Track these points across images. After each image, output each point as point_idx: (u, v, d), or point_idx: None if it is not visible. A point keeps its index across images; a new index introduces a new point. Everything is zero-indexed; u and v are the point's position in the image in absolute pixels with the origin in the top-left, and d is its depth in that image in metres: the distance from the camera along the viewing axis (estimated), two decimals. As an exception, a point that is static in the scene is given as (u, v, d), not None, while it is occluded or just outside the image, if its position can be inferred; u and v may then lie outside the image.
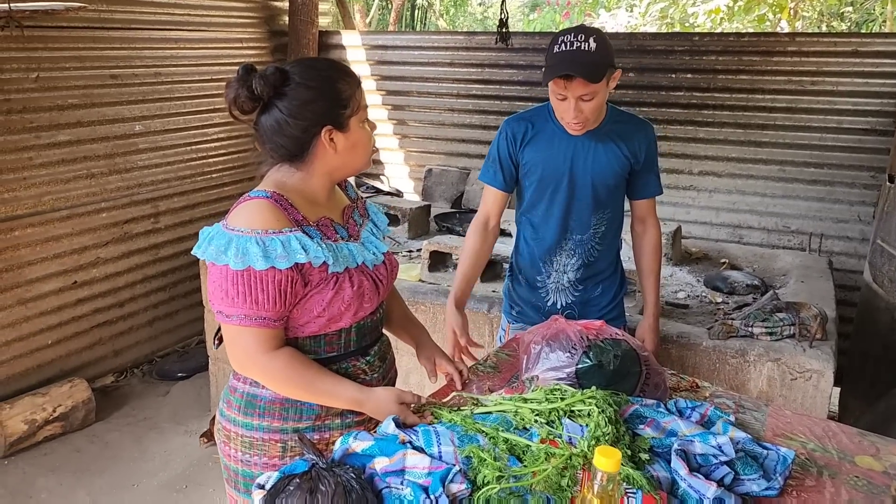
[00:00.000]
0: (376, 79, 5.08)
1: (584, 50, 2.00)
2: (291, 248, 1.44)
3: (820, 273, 3.46)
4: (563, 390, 1.59)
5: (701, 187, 4.29)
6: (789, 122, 4.00)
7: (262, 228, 1.43)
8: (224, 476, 1.68)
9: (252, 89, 1.46)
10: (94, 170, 3.93)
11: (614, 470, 1.03)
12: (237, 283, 1.42)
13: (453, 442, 1.42)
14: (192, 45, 4.39)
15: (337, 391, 1.55)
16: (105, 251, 4.07)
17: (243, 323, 1.44)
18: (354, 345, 1.63)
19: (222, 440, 1.64)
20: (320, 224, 1.55)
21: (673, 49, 4.17)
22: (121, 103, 4.03)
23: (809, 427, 1.84)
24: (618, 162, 2.23)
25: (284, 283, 1.44)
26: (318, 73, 1.51)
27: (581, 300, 2.39)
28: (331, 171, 1.57)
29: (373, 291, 1.61)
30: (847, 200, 3.98)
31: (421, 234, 4.09)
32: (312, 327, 1.54)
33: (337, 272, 1.52)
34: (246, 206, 1.47)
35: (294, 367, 1.51)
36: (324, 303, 1.51)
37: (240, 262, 1.40)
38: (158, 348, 4.53)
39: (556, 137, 2.24)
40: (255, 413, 1.57)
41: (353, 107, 1.52)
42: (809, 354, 2.52)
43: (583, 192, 2.26)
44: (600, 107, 2.12)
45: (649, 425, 1.59)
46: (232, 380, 1.64)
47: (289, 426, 1.57)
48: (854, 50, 3.78)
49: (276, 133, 1.50)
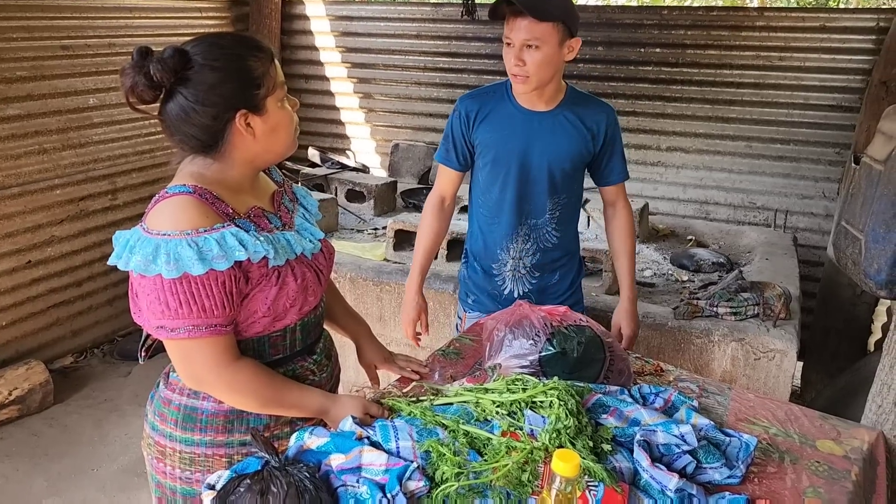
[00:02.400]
0: (341, 51, 4.95)
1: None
2: (228, 246, 1.30)
3: (784, 250, 3.48)
4: (524, 381, 1.56)
5: (669, 163, 4.28)
6: (757, 98, 3.99)
7: (192, 228, 1.27)
8: (156, 495, 1.54)
9: (150, 76, 1.27)
10: (47, 145, 3.77)
11: (573, 475, 1.00)
12: (176, 293, 1.27)
13: (412, 436, 1.38)
14: (148, 15, 4.23)
15: (304, 401, 1.47)
16: (60, 229, 3.93)
17: (193, 335, 1.30)
18: (300, 344, 1.53)
19: (154, 456, 1.50)
20: (252, 215, 1.41)
21: (642, 23, 4.12)
22: (73, 75, 3.86)
23: (772, 411, 1.84)
24: (575, 145, 2.16)
25: (229, 284, 1.31)
26: (223, 52, 1.33)
27: (538, 287, 2.32)
28: (251, 158, 1.41)
29: (315, 283, 1.50)
30: (812, 177, 4.00)
31: (387, 211, 4.03)
32: (256, 327, 1.42)
33: (278, 266, 1.39)
34: (167, 205, 1.31)
35: (260, 379, 1.40)
36: (268, 301, 1.39)
37: (173, 269, 1.25)
38: (119, 328, 4.43)
39: (511, 117, 2.15)
40: (197, 427, 1.44)
41: (268, 85, 1.36)
42: (773, 334, 2.53)
43: (538, 176, 2.18)
44: (548, 66, 1.99)
45: (612, 414, 1.57)
46: (164, 390, 1.49)
47: (234, 439, 1.46)
48: (822, 25, 3.76)
49: (183, 123, 1.33)
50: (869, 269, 1.96)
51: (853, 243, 2.04)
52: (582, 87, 4.13)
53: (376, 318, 3.08)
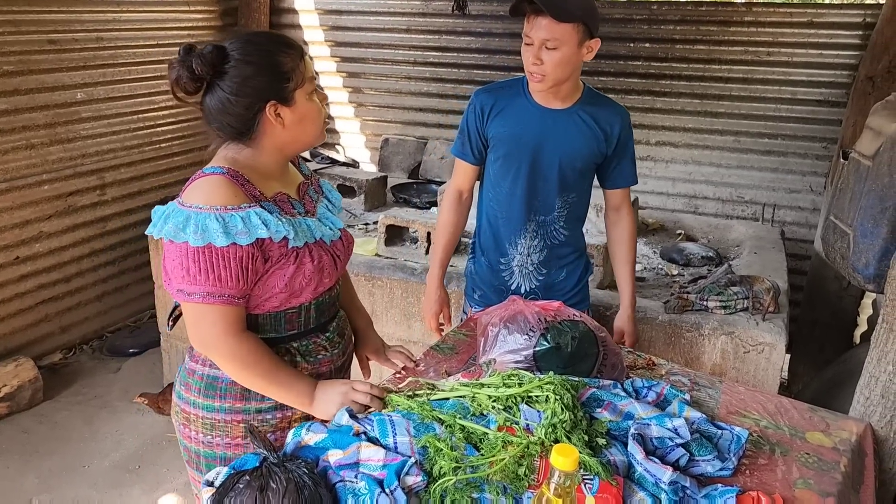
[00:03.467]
0: (330, 45, 4.93)
1: None
2: (252, 224, 1.42)
3: (772, 244, 3.51)
4: (520, 375, 1.57)
5: (658, 157, 4.30)
6: (745, 93, 4.02)
7: (221, 204, 1.40)
8: (184, 458, 1.67)
9: (192, 70, 1.42)
10: (34, 140, 3.75)
11: (572, 469, 1.01)
12: (198, 260, 1.39)
13: (409, 432, 1.39)
14: (136, 8, 4.19)
15: (292, 385, 1.54)
16: (48, 225, 3.91)
17: (206, 301, 1.41)
18: (314, 321, 1.63)
19: (181, 422, 1.63)
20: (277, 199, 1.53)
21: (632, 18, 4.13)
22: (61, 70, 3.83)
23: (762, 404, 1.86)
24: (587, 145, 2.15)
25: (246, 260, 1.42)
26: (256, 48, 1.47)
27: (545, 284, 2.33)
28: (281, 146, 1.55)
29: (331, 266, 1.60)
30: (799, 171, 4.04)
31: (378, 206, 4.03)
32: (273, 302, 1.53)
33: (297, 247, 1.51)
34: (202, 183, 1.45)
35: (259, 354, 1.50)
36: (285, 278, 1.50)
37: (199, 238, 1.37)
38: (108, 324, 4.41)
39: (526, 113, 2.15)
40: (217, 395, 1.56)
41: (297, 79, 1.49)
42: (762, 328, 2.56)
43: (549, 172, 2.18)
44: (566, 65, 1.99)
45: (606, 408, 1.58)
46: (189, 362, 1.62)
47: (251, 406, 1.57)
48: (809, 21, 3.79)
49: (220, 112, 1.47)
50: (857, 263, 1.98)
51: (842, 238, 2.07)
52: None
53: (374, 314, 3.08)
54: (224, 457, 1.59)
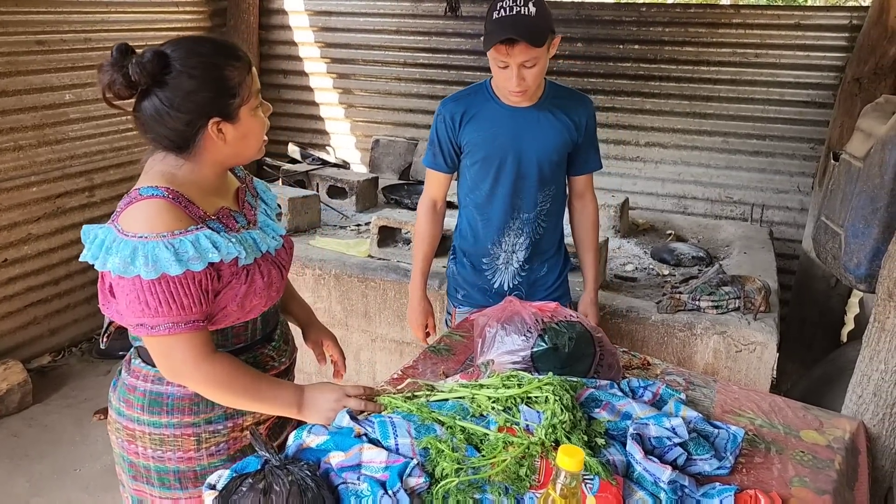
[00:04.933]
0: (320, 46, 4.92)
1: (525, 14, 1.97)
2: (203, 248, 1.35)
3: (762, 244, 3.54)
4: (518, 376, 1.58)
5: (647, 158, 4.33)
6: (733, 94, 4.05)
7: (167, 230, 1.32)
8: (129, 473, 1.57)
9: (128, 76, 1.31)
10: (22, 141, 3.71)
11: (577, 469, 1.02)
12: (155, 293, 1.32)
13: (410, 433, 1.40)
14: (125, 9, 4.17)
15: (277, 395, 1.50)
16: (37, 227, 3.88)
17: (174, 331, 1.34)
18: (260, 332, 1.60)
19: (124, 439, 1.54)
20: (221, 216, 1.47)
21: (621, 19, 4.16)
22: (49, 71, 3.80)
23: (757, 402, 1.88)
24: (560, 137, 2.22)
25: (205, 282, 1.37)
26: (201, 60, 1.36)
27: (528, 280, 2.38)
28: (221, 161, 1.47)
29: (279, 279, 1.56)
30: (787, 171, 4.07)
31: (369, 207, 4.02)
32: (225, 322, 1.47)
33: (247, 265, 1.46)
34: (141, 207, 1.34)
35: (235, 372, 1.45)
36: (238, 298, 1.45)
37: (152, 270, 1.29)
38: (97, 326, 4.36)
39: (498, 115, 2.20)
40: (163, 411, 1.49)
41: (244, 95, 1.40)
42: (754, 327, 2.58)
43: (529, 170, 2.23)
44: (542, 74, 2.08)
45: (604, 408, 1.60)
46: (127, 377, 1.53)
47: (200, 419, 1.51)
48: (797, 23, 3.83)
49: (156, 123, 1.37)
50: (849, 263, 2.01)
51: (833, 238, 2.10)
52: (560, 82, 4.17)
53: (361, 314, 3.08)
54: (177, 470, 1.53)
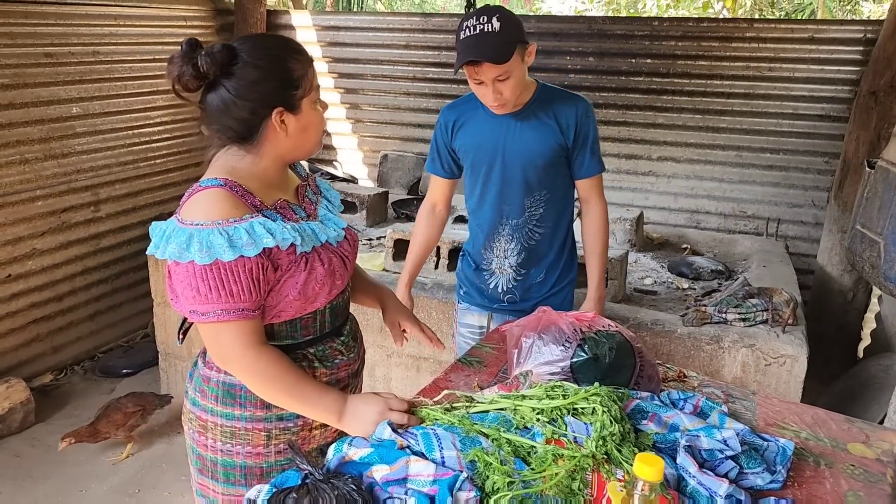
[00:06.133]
0: (328, 61, 4.90)
1: (488, 32, 1.99)
2: (257, 234, 1.37)
3: (779, 257, 3.50)
4: (564, 387, 1.52)
5: (660, 173, 4.29)
6: (746, 108, 4.03)
7: (223, 218, 1.35)
8: (196, 466, 1.60)
9: (198, 67, 1.36)
10: (28, 155, 3.66)
11: (657, 479, 0.96)
12: (207, 279, 1.34)
13: (455, 445, 1.33)
14: (133, 23, 4.14)
15: (319, 399, 1.47)
16: (41, 242, 3.81)
17: (222, 318, 1.37)
18: (329, 325, 1.59)
19: (196, 430, 1.56)
20: (278, 207, 1.49)
21: (633, 34, 4.14)
22: (56, 84, 3.76)
23: (799, 415, 1.82)
24: (545, 141, 2.18)
25: (256, 271, 1.37)
26: (267, 52, 1.42)
27: (523, 285, 2.35)
28: (282, 153, 1.50)
29: (342, 268, 1.57)
30: (801, 185, 4.04)
31: (379, 222, 3.97)
32: (290, 311, 1.48)
33: (306, 252, 1.47)
34: (200, 197, 1.39)
35: (281, 366, 1.44)
36: (298, 285, 1.45)
37: (205, 255, 1.32)
38: (101, 343, 4.29)
39: (485, 121, 2.21)
40: (237, 403, 1.51)
41: (305, 87, 1.45)
42: (783, 340, 2.52)
43: (513, 176, 2.22)
44: (519, 84, 2.07)
45: (651, 420, 1.53)
46: (203, 368, 1.56)
47: (272, 413, 1.52)
48: (810, 37, 3.82)
49: (223, 114, 1.41)
50: (889, 271, 1.96)
51: (871, 247, 2.05)
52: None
53: (377, 330, 3.02)
54: (244, 465, 1.54)
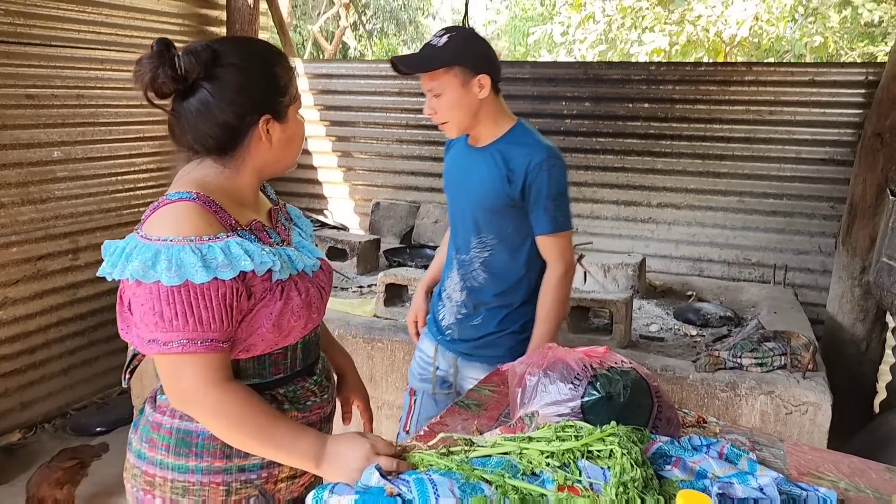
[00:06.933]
0: (320, 109, 4.83)
1: (433, 45, 1.99)
2: (234, 255, 1.22)
3: (790, 304, 3.35)
4: (576, 427, 1.33)
5: (660, 220, 4.16)
6: (748, 153, 3.93)
7: (195, 234, 1.20)
8: None
9: (176, 67, 1.23)
10: (5, 199, 3.50)
11: (708, 522, 0.77)
12: (173, 302, 1.17)
13: (454, 493, 1.14)
14: (119, 67, 4.04)
15: (295, 443, 1.27)
16: (14, 290, 3.61)
17: (187, 349, 1.19)
18: (301, 363, 1.43)
19: (141, 488, 1.35)
20: (253, 228, 1.35)
21: (629, 78, 4.08)
22: (37, 126, 3.63)
23: (834, 463, 1.64)
24: (492, 185, 2.06)
25: (230, 297, 1.22)
26: (255, 54, 1.33)
27: (461, 324, 2.22)
28: (262, 167, 1.37)
29: (319, 300, 1.43)
30: (807, 231, 3.91)
31: (370, 270, 3.81)
32: (260, 346, 1.32)
33: (282, 280, 1.32)
34: (168, 211, 1.23)
35: (250, 406, 1.25)
36: (273, 316, 1.30)
37: (175, 276, 1.16)
38: (74, 400, 4.05)
39: (460, 150, 2.21)
40: (192, 453, 1.31)
41: (292, 94, 1.36)
42: (804, 386, 2.35)
43: (464, 211, 2.18)
44: (456, 107, 2.00)
45: (676, 466, 1.34)
46: (153, 414, 1.37)
47: (233, 465, 1.33)
48: (811, 80, 3.75)
49: (202, 120, 1.28)
50: (923, 304, 1.80)
51: (901, 279, 1.89)
52: (569, 142, 4.06)
53: (367, 379, 2.82)
54: None
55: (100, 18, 3.87)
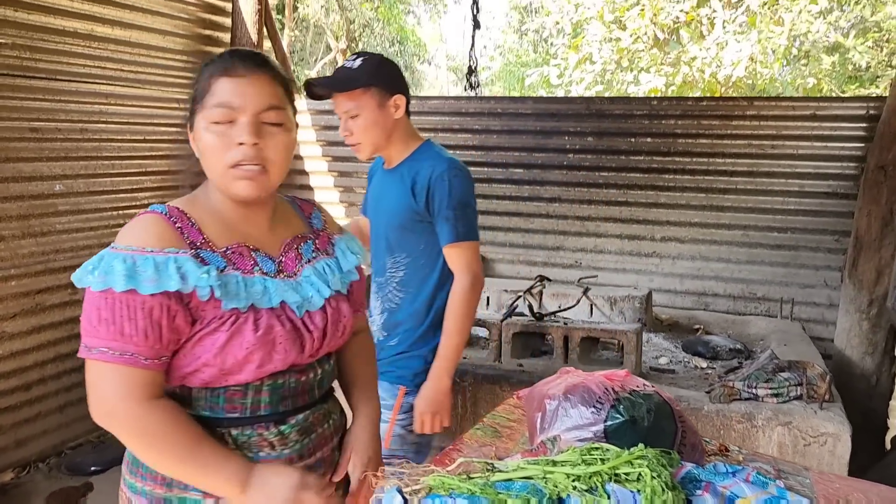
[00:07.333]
0: (322, 145, 4.83)
1: (346, 67, 2.04)
2: (165, 272, 1.16)
3: (799, 337, 3.31)
4: (603, 450, 1.29)
5: (664, 254, 4.14)
6: (751, 186, 3.93)
7: (140, 245, 1.17)
8: None
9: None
10: (5, 232, 3.46)
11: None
12: (100, 308, 1.15)
13: (480, 517, 1.09)
14: (124, 102, 4.05)
15: (221, 466, 1.20)
16: (12, 325, 3.55)
17: (106, 358, 1.15)
18: (266, 407, 1.28)
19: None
20: (231, 251, 1.26)
21: (632, 113, 4.10)
22: (40, 159, 3.61)
23: (863, 492, 1.60)
24: (399, 202, 2.10)
25: (158, 314, 1.16)
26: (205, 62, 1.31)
27: (382, 345, 2.18)
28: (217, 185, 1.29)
29: (290, 342, 1.26)
30: (812, 265, 3.89)
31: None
32: (202, 376, 1.23)
33: (237, 310, 1.21)
34: (133, 221, 1.24)
35: (174, 427, 1.19)
36: (214, 348, 1.20)
37: (100, 281, 1.14)
38: (69, 438, 3.95)
39: (378, 174, 2.25)
40: (138, 473, 1.27)
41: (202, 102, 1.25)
42: (822, 416, 2.30)
43: (378, 233, 2.22)
44: (372, 127, 2.03)
45: (707, 490, 1.30)
46: None
47: (173, 495, 1.25)
48: (812, 114, 3.77)
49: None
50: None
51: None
52: (572, 176, 4.05)
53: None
54: None
55: (105, 54, 3.88)
